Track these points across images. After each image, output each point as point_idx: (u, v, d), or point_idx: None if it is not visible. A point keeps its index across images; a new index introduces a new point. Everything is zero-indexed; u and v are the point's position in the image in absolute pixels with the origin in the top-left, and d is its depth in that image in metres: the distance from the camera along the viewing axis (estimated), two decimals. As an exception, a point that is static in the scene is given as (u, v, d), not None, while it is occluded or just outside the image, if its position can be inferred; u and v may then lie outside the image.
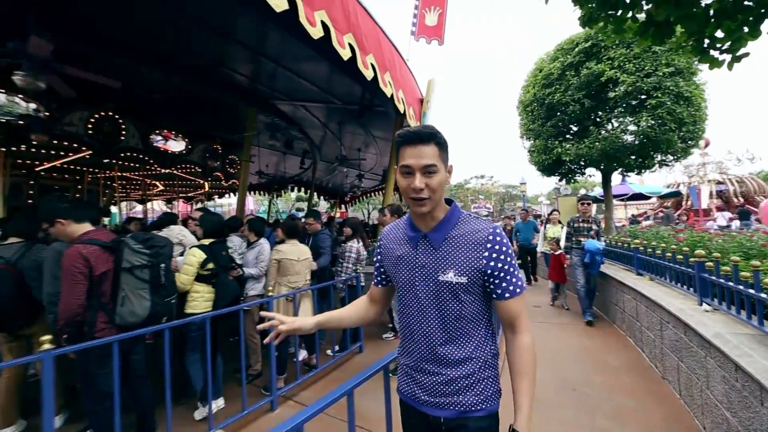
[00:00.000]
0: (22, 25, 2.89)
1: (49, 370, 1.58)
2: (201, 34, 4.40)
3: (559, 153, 8.55)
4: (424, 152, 0.94)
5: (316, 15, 2.98)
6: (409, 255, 1.04)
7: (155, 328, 2.20)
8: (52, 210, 2.10)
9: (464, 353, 1.00)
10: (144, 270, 2.19)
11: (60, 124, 5.33)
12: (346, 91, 5.94)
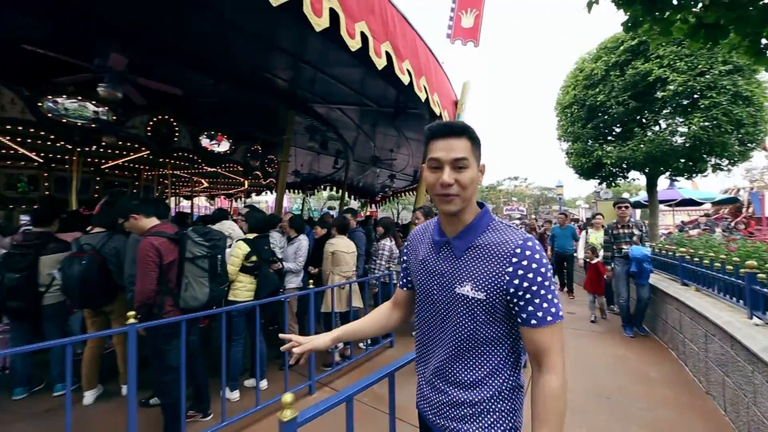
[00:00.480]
0: (103, 45, 3.30)
1: (133, 340, 1.86)
2: (247, 43, 4.73)
3: (599, 156, 8.21)
4: (455, 145, 0.86)
5: (357, 27, 3.15)
6: (430, 260, 0.97)
7: (208, 312, 2.47)
8: (126, 207, 2.42)
9: (474, 377, 0.88)
10: (204, 260, 2.45)
11: (125, 127, 5.91)
12: (381, 94, 6.10)
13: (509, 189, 40.86)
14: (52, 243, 2.93)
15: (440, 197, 0.88)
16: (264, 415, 2.51)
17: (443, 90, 5.04)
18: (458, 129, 0.87)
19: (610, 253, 4.63)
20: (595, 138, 8.47)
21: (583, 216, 23.38)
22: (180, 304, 2.34)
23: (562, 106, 9.18)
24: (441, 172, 0.87)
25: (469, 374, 0.89)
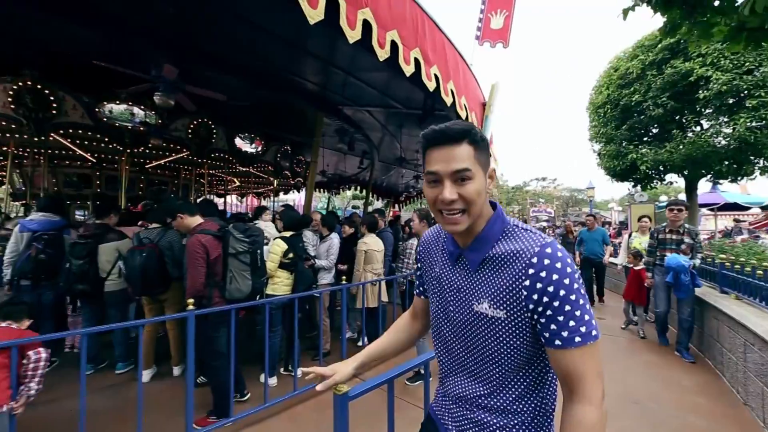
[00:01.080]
0: (157, 57, 3.62)
1: (192, 325, 2.09)
2: (281, 50, 4.97)
3: (634, 158, 7.92)
4: (454, 154, 0.73)
5: (388, 36, 3.27)
6: (445, 273, 0.87)
7: (251, 304, 2.68)
8: (173, 206, 2.69)
9: (500, 403, 0.78)
10: (246, 255, 2.67)
11: (169, 130, 6.35)
12: (409, 96, 6.21)
13: (537, 190, 39.76)
14: (110, 234, 3.29)
15: (442, 216, 0.77)
16: (300, 400, 2.70)
17: (471, 92, 5.08)
18: (456, 134, 0.74)
19: (653, 258, 4.21)
20: (629, 140, 8.18)
21: (615, 219, 22.40)
22: (226, 296, 2.57)
23: (595, 107, 8.92)
24: (441, 186, 0.75)
25: (495, 400, 0.78)
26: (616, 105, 8.06)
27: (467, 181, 0.74)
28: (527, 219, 30.08)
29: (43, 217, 3.28)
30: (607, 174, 9.16)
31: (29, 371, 1.61)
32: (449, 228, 0.77)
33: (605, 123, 8.47)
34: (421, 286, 1.04)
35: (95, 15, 3.99)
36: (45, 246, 3.21)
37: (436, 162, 0.76)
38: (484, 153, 0.77)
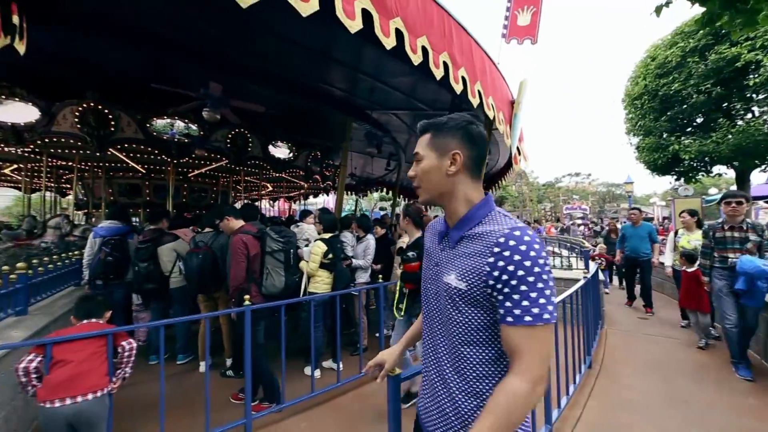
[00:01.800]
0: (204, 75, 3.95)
1: (248, 318, 2.32)
2: (311, 60, 5.21)
3: (676, 150, 7.50)
4: (418, 142, 0.94)
5: (418, 42, 3.39)
6: (432, 250, 0.96)
7: (294, 300, 2.89)
8: (222, 210, 2.97)
9: (463, 384, 0.81)
10: (280, 253, 2.90)
11: (210, 141, 6.80)
12: (435, 98, 6.28)
13: (570, 186, 38.20)
14: (165, 237, 3.65)
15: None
16: (343, 391, 2.88)
17: (498, 91, 5.08)
18: (423, 128, 0.95)
19: (708, 261, 3.62)
20: (670, 131, 7.76)
21: (658, 214, 21.09)
22: (262, 291, 2.79)
23: (631, 98, 8.54)
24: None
25: (459, 379, 0.82)
26: (654, 95, 7.67)
27: (419, 162, 0.93)
28: (560, 217, 28.98)
29: (110, 224, 3.68)
30: (647, 168, 8.72)
31: (124, 358, 1.87)
32: (419, 198, 0.95)
33: (643, 115, 8.08)
34: None
35: (147, 40, 4.42)
36: (111, 249, 3.61)
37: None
38: (443, 139, 0.90)
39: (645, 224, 5.69)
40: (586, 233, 16.03)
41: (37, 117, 5.24)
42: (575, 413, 2.61)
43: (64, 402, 1.60)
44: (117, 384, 1.86)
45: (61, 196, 10.62)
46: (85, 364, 1.70)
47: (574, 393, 2.80)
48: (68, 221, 6.63)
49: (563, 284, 5.04)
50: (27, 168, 8.23)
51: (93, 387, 1.69)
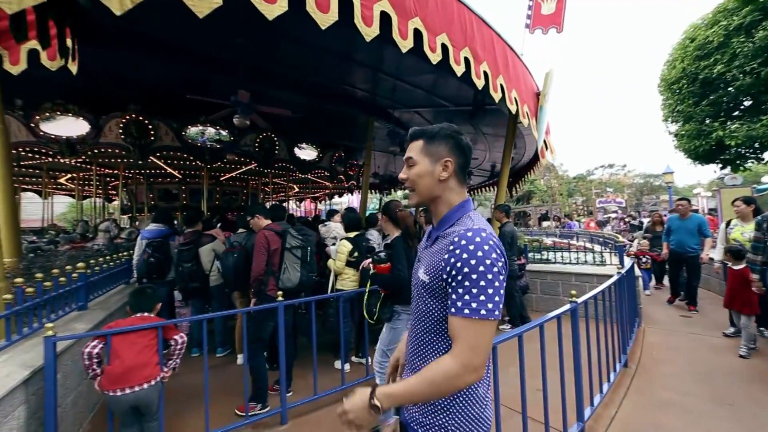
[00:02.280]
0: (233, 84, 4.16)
1: (281, 313, 2.45)
2: (333, 63, 5.33)
3: (720, 136, 6.98)
4: (410, 147, 1.02)
5: (438, 39, 3.40)
6: (420, 249, 1.07)
7: (323, 297, 3.01)
8: (253, 209, 3.15)
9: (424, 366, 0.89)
10: (298, 250, 3.02)
11: (240, 145, 7.11)
12: (458, 94, 6.23)
13: (603, 178, 36.40)
14: (203, 238, 3.88)
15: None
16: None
17: (522, 84, 4.97)
18: (414, 134, 1.03)
19: (761, 257, 3.25)
20: (713, 116, 7.23)
21: (703, 206, 19.68)
22: (279, 285, 2.90)
23: (668, 83, 8.03)
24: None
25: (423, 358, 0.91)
26: (693, 79, 7.17)
27: (412, 167, 0.99)
28: (593, 211, 27.74)
29: (155, 227, 3.98)
30: (688, 156, 8.16)
31: (176, 350, 2.06)
32: (409, 201, 1.04)
33: (681, 100, 7.57)
34: None
35: (181, 54, 4.71)
36: (154, 251, 3.90)
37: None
38: (435, 146, 0.97)
39: (695, 216, 5.13)
40: (622, 227, 15.25)
41: (87, 130, 5.72)
42: (609, 412, 2.55)
43: (124, 391, 1.83)
44: (168, 374, 2.03)
45: (108, 202, 11.47)
46: (140, 357, 1.90)
47: (608, 391, 2.72)
48: (116, 225, 7.18)
49: (595, 280, 4.88)
50: (79, 177, 8.98)
51: (148, 377, 1.90)
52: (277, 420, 2.50)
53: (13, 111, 5.33)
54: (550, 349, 1.97)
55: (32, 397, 1.81)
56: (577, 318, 2.27)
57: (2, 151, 4.21)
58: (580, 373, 2.22)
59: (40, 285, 2.31)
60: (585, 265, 5.46)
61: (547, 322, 1.96)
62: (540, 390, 1.96)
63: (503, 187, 5.94)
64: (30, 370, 1.77)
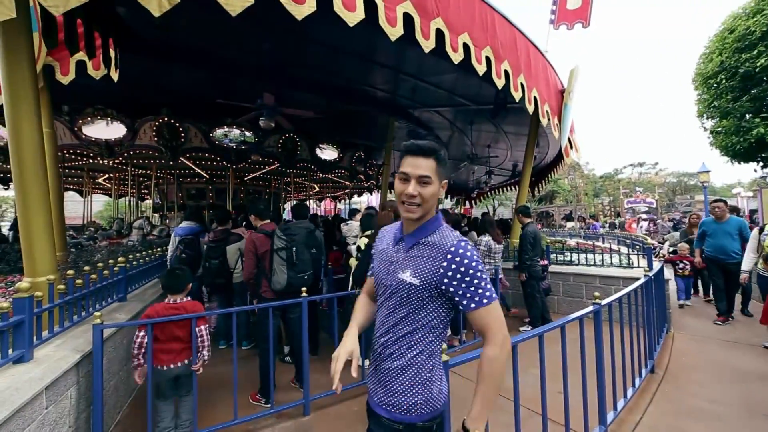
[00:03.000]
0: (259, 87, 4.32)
1: (305, 309, 2.55)
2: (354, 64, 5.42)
3: (762, 134, 6.56)
4: (422, 164, 1.02)
5: (459, 39, 3.41)
6: (387, 251, 1.14)
7: (343, 294, 3.09)
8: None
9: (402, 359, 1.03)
10: (283, 251, 2.93)
11: (263, 146, 7.33)
12: (479, 92, 6.19)
13: (632, 178, 34.87)
14: (231, 236, 4.05)
15: (404, 205, 1.04)
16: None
17: (544, 82, 4.89)
18: (428, 151, 1.03)
19: None
20: (754, 112, 6.80)
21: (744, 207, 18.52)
22: (271, 287, 2.92)
23: (704, 77, 7.62)
24: (408, 184, 1.03)
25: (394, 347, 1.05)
26: (733, 73, 6.74)
27: (427, 185, 1.03)
28: (620, 212, 26.62)
29: (186, 225, 4.20)
30: (725, 154, 7.70)
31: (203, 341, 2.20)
32: (406, 215, 1.06)
33: (718, 95, 7.15)
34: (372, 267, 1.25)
35: (210, 61, 4.94)
36: (185, 247, 4.12)
37: (409, 166, 1.04)
38: (443, 169, 1.06)
39: (734, 219, 4.69)
40: (652, 229, 14.57)
41: (124, 133, 6.09)
42: (634, 417, 2.49)
43: (169, 366, 2.10)
44: (200, 365, 2.18)
45: (140, 201, 12.10)
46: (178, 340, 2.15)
47: (632, 396, 2.66)
48: (148, 223, 7.58)
49: (621, 283, 4.72)
50: (115, 177, 9.53)
51: (187, 356, 2.16)
52: (300, 411, 2.60)
53: (60, 116, 5.75)
54: (572, 351, 1.95)
55: (82, 379, 1.99)
56: (600, 320, 2.23)
57: (51, 153, 4.58)
58: (602, 376, 2.18)
59: (88, 277, 2.50)
60: (610, 268, 5.29)
61: (568, 323, 1.95)
62: (561, 392, 1.95)
63: (525, 186, 5.86)
64: (80, 354, 1.94)
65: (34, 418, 1.53)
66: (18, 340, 1.72)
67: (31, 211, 2.24)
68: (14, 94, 2.18)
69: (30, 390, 1.51)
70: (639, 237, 8.61)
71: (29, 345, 1.75)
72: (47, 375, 1.65)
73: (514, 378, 1.62)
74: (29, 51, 2.26)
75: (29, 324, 1.74)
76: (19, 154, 2.21)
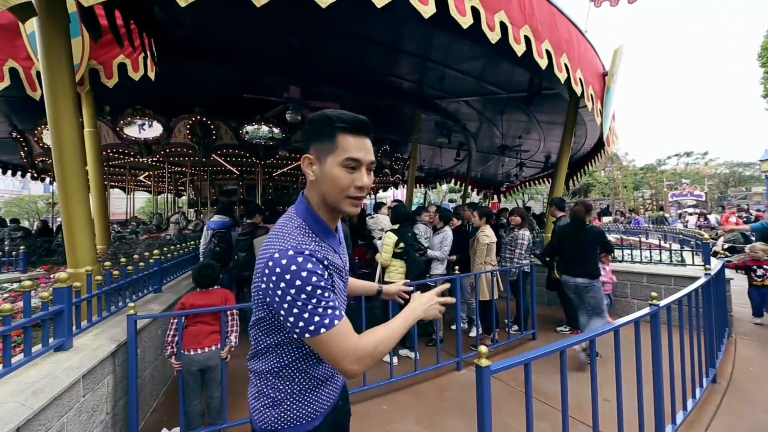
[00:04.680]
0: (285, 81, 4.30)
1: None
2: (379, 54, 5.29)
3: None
4: (369, 147, 0.83)
5: (496, 18, 3.18)
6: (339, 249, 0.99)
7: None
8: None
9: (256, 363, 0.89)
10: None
11: (291, 142, 7.39)
12: (510, 79, 5.87)
13: (678, 169, 32.36)
14: (259, 230, 4.09)
15: (352, 201, 0.83)
16: (422, 379, 2.91)
17: (587, 64, 4.52)
18: (370, 128, 0.84)
19: None
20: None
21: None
22: None
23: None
24: (359, 172, 0.81)
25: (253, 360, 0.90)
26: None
27: (371, 171, 0.85)
28: (664, 206, 24.77)
29: (219, 219, 4.28)
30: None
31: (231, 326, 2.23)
32: (352, 210, 0.85)
33: (789, 72, 6.35)
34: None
35: (238, 57, 4.99)
36: (219, 241, 4.20)
37: (357, 150, 0.81)
38: None
39: None
40: (703, 224, 13.40)
41: (161, 132, 6.34)
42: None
43: (197, 351, 2.11)
44: (227, 350, 2.21)
45: (177, 197, 12.69)
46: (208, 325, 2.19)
47: (693, 409, 2.38)
48: (184, 217, 7.90)
49: (672, 282, 4.33)
50: (154, 174, 10.03)
51: (215, 341, 2.19)
52: (329, 407, 2.56)
53: (103, 117, 6.07)
54: (625, 356, 1.75)
55: (118, 367, 2.04)
56: (658, 323, 1.99)
57: (94, 152, 4.83)
58: (660, 385, 1.95)
59: (124, 269, 2.58)
60: (659, 265, 4.86)
61: (623, 326, 1.74)
62: (609, 400, 1.76)
63: (561, 178, 5.50)
64: (116, 343, 1.99)
65: (71, 405, 1.56)
66: (58, 328, 1.77)
67: (72, 206, 2.32)
68: (54, 93, 2.26)
69: (67, 378, 1.54)
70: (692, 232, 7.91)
71: (69, 334, 1.80)
72: (84, 363, 1.69)
73: (562, 386, 1.45)
74: (67, 52, 2.32)
75: (68, 313, 1.78)
76: (60, 151, 2.29)
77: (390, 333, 0.85)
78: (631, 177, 31.14)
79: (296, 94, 4.26)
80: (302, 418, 0.87)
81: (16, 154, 7.86)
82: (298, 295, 0.74)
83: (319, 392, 0.90)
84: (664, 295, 4.13)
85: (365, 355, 0.79)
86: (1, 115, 7.23)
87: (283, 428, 0.86)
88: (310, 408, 0.88)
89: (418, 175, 14.34)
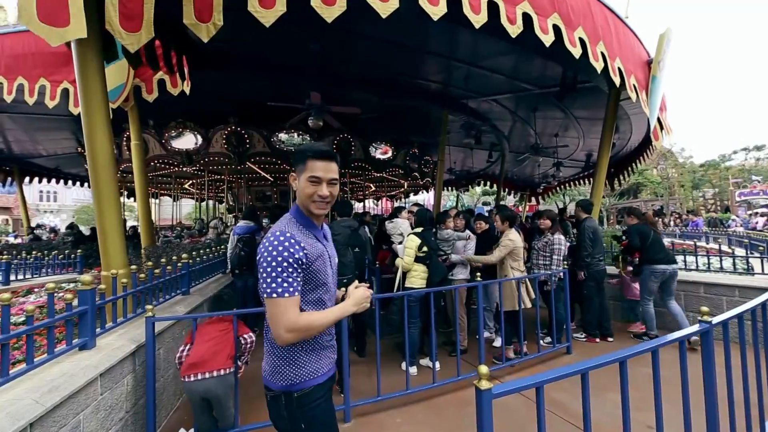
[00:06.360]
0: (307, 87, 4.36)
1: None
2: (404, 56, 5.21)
3: None
4: (332, 167, 1.18)
5: (517, 9, 2.99)
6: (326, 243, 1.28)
7: (389, 295, 2.91)
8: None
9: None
10: None
11: (319, 147, 7.52)
12: (542, 74, 5.54)
13: (745, 165, 28.89)
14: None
15: (317, 204, 1.17)
16: (441, 392, 2.75)
17: (628, 52, 4.14)
18: (334, 155, 1.19)
19: None
20: None
21: None
22: None
23: None
24: (320, 186, 1.15)
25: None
26: None
27: (335, 185, 1.20)
28: (730, 206, 22.18)
29: (244, 224, 4.43)
30: None
31: (246, 349, 2.23)
32: (320, 211, 1.20)
33: None
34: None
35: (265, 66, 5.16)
36: (244, 245, 4.34)
37: (319, 170, 1.16)
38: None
39: None
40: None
41: (200, 142, 6.74)
42: (764, 473, 1.88)
43: (197, 377, 1.97)
44: (242, 369, 2.21)
45: (218, 203, 13.46)
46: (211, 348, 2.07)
47: (761, 444, 2.02)
48: (222, 222, 8.33)
49: (737, 293, 3.78)
50: (197, 182, 10.71)
51: (217, 367, 2.02)
52: (341, 417, 2.49)
53: (148, 129, 6.57)
54: (667, 375, 1.50)
55: (138, 368, 2.12)
56: (711, 342, 1.70)
57: (140, 163, 5.22)
58: (714, 413, 1.66)
59: (151, 272, 2.71)
60: (719, 274, 4.29)
61: (662, 346, 1.49)
62: (651, 428, 1.52)
63: (601, 178, 5.06)
64: (136, 344, 2.07)
65: (88, 403, 1.64)
66: (82, 328, 1.87)
67: (105, 212, 2.48)
68: (89, 108, 2.44)
69: (84, 377, 1.61)
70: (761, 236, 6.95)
71: (92, 334, 1.90)
72: (102, 363, 1.77)
73: (584, 407, 1.27)
74: (100, 68, 2.50)
75: (92, 314, 1.89)
76: (94, 162, 2.46)
77: (323, 320, 1.13)
78: (689, 175, 28.25)
79: (317, 100, 4.32)
80: (314, 373, 1.17)
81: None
82: (270, 264, 1.06)
83: (322, 355, 1.21)
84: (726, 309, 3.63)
85: (297, 328, 1.06)
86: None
87: (302, 381, 1.15)
88: (318, 365, 1.19)
89: (449, 178, 14.03)
